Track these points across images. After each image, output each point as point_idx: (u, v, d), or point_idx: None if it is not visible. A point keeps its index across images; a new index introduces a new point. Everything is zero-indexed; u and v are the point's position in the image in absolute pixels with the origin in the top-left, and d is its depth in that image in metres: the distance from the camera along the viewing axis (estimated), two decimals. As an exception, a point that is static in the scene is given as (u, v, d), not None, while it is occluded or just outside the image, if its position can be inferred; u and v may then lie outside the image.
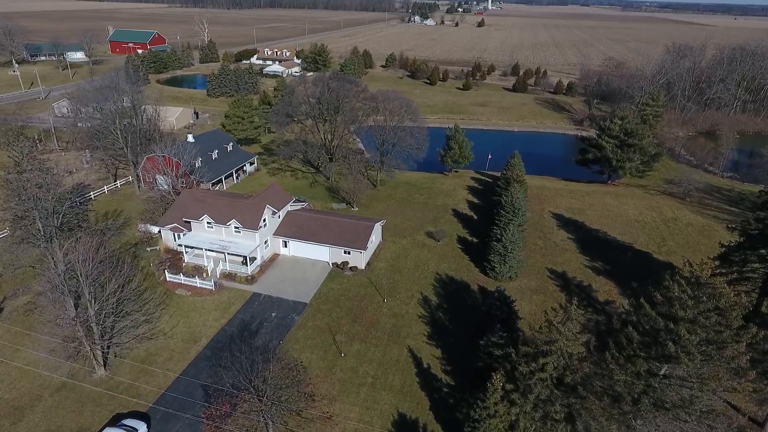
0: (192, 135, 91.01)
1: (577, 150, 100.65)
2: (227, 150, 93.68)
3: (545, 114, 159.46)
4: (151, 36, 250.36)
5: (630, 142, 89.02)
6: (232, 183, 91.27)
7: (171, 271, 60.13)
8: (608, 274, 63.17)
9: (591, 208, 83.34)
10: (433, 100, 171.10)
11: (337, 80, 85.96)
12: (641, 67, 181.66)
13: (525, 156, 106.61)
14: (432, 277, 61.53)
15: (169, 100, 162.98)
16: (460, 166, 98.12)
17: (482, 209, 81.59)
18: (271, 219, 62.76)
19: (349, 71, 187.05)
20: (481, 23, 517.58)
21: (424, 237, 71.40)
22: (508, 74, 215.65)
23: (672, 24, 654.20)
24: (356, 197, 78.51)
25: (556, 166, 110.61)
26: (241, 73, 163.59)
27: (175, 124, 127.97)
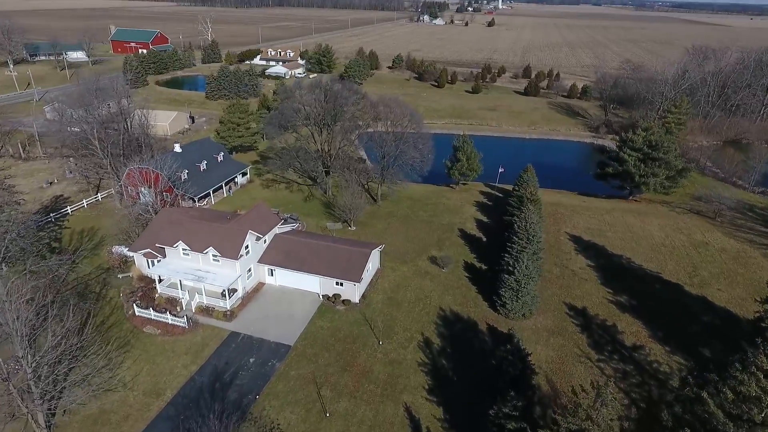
0: (179, 145, 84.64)
1: (596, 163, 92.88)
2: (217, 160, 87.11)
3: (558, 119, 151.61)
4: (153, 35, 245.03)
5: (654, 156, 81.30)
6: (221, 196, 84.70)
7: (141, 303, 53.54)
8: (635, 311, 55.72)
9: (612, 228, 75.78)
10: (441, 104, 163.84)
11: (335, 87, 78.96)
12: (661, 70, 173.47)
13: (538, 167, 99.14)
14: (435, 313, 54.46)
15: (167, 102, 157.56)
16: (468, 179, 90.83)
17: (492, 230, 74.34)
18: (255, 245, 56.00)
19: (354, 73, 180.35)
20: (492, 23, 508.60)
21: (427, 263, 64.32)
22: (519, 76, 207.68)
23: (687, 24, 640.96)
24: (353, 216, 71.56)
25: (571, 179, 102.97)
26: (241, 75, 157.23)
27: (169, 130, 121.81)
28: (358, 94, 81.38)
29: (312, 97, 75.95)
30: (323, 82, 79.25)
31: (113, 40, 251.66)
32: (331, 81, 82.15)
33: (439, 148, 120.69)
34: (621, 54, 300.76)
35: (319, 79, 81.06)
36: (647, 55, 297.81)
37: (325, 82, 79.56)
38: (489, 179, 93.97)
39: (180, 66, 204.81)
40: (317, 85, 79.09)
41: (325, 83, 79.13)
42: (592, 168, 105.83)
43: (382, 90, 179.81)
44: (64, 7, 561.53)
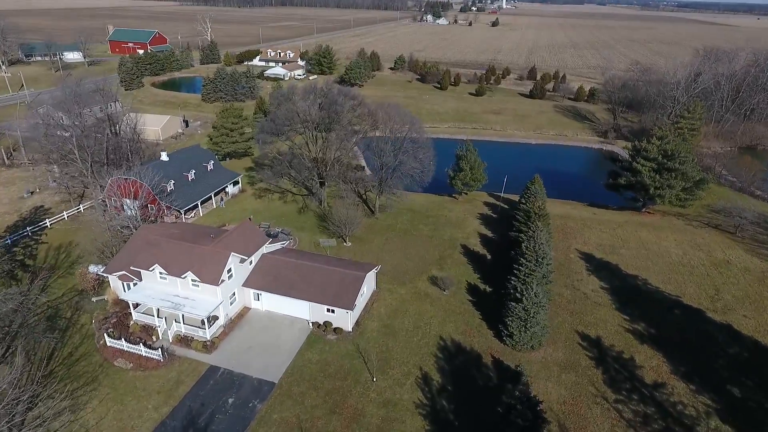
0: (165, 153, 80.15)
1: (606, 172, 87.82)
2: (207, 169, 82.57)
3: (565, 123, 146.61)
4: (151, 36, 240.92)
5: (670, 166, 76.28)
6: (210, 207, 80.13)
7: (114, 332, 49.01)
8: (654, 341, 50.86)
9: (625, 245, 70.84)
10: (444, 107, 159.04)
11: (331, 92, 74.28)
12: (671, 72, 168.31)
13: (545, 175, 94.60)
14: (435, 343, 49.74)
15: (161, 105, 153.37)
16: (471, 189, 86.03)
17: (497, 246, 69.54)
18: (239, 267, 51.39)
19: (355, 75, 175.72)
20: (496, 23, 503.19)
21: (427, 284, 59.61)
22: (524, 78, 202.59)
23: (693, 24, 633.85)
24: (349, 231, 66.87)
25: (580, 188, 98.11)
26: (238, 77, 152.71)
27: (161, 135, 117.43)
28: (355, 99, 76.61)
29: (306, 104, 71.15)
30: (318, 87, 74.40)
31: (111, 41, 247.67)
32: (327, 86, 77.39)
33: (442, 153, 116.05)
34: (627, 55, 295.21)
35: (314, 84, 76.26)
36: (655, 57, 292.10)
37: (320, 87, 74.77)
38: (494, 188, 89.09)
39: (178, 67, 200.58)
40: (311, 90, 74.35)
41: (320, 88, 74.36)
42: (602, 176, 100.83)
43: (384, 92, 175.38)
44: (67, 7, 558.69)
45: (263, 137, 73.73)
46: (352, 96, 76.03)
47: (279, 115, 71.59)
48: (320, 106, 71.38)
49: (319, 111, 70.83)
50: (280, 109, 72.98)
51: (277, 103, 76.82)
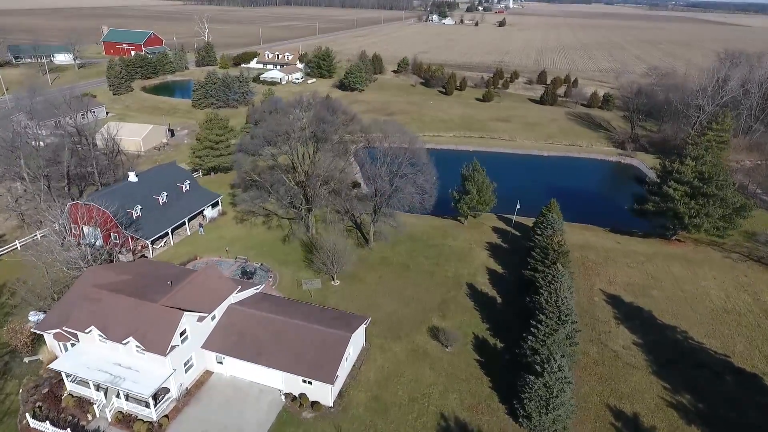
0: (134, 173, 71.09)
1: (632, 196, 77.98)
2: (182, 190, 73.52)
3: (578, 132, 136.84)
4: (146, 37, 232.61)
5: (707, 191, 66.60)
6: (184, 234, 71.11)
7: (43, 406, 40.07)
8: (705, 421, 41.35)
9: (658, 284, 61.25)
10: (449, 114, 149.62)
11: (317, 109, 65.08)
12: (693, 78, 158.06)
13: (559, 192, 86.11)
14: (434, 423, 40.47)
15: (149, 111, 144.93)
16: (479, 214, 76.54)
17: (509, 287, 60.14)
18: (197, 327, 42.30)
19: (355, 79, 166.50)
20: (503, 23, 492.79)
21: (427, 338, 50.35)
22: (533, 82, 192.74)
23: (704, 24, 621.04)
24: (337, 269, 57.65)
25: (599, 208, 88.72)
26: (230, 81, 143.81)
27: (143, 146, 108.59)
28: (347, 114, 67.27)
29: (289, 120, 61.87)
30: (305, 101, 65.14)
31: (105, 42, 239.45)
32: (314, 99, 68.06)
33: (446, 166, 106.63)
34: (640, 57, 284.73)
35: (300, 97, 67.02)
36: (668, 58, 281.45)
37: (307, 101, 65.49)
38: (503, 208, 79.26)
39: (171, 69, 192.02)
40: (297, 103, 65.09)
41: (306, 102, 65.08)
42: (623, 195, 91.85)
43: (385, 97, 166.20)
44: (67, 6, 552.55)
45: (241, 158, 64.53)
46: (343, 110, 66.69)
47: (258, 134, 62.31)
48: (306, 125, 62.11)
49: (302, 131, 61.55)
50: (260, 126, 63.71)
51: (257, 119, 67.54)
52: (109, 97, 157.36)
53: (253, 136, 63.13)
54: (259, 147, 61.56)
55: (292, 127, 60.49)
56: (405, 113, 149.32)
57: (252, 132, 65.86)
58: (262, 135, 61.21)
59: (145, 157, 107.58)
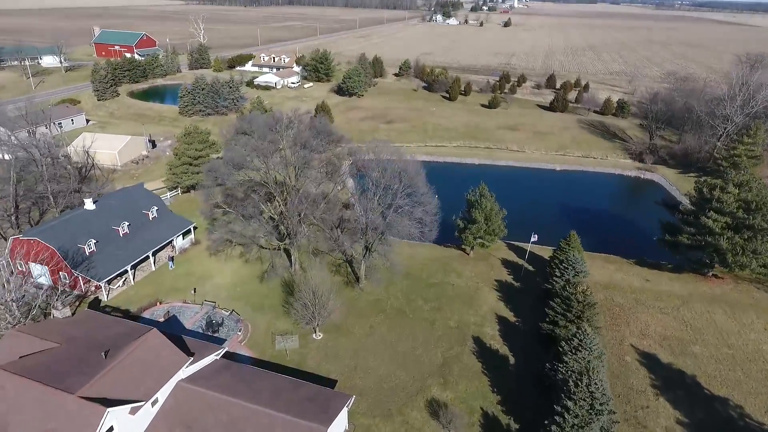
0: (92, 199, 62.09)
1: (661, 226, 68.29)
2: (148, 218, 64.53)
3: (592, 142, 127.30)
4: (138, 38, 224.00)
5: (754, 224, 57.10)
6: (149, 270, 62.07)
7: None
8: None
9: (699, 337, 51.84)
10: (452, 121, 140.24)
11: (298, 131, 55.81)
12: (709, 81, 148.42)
13: (575, 214, 77.24)
14: None
15: (133, 119, 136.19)
16: (486, 245, 67.12)
17: (523, 340, 50.84)
18: (129, 422, 33.19)
19: (353, 83, 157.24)
20: (508, 23, 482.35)
21: (425, 415, 41.15)
22: (542, 86, 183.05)
23: (713, 24, 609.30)
24: (319, 321, 48.49)
25: (621, 233, 79.27)
26: (219, 87, 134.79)
27: (119, 160, 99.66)
28: (332, 135, 57.89)
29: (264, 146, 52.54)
30: (284, 121, 55.85)
31: (96, 43, 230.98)
32: (296, 117, 58.68)
33: (450, 181, 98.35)
34: (651, 59, 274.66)
35: (278, 116, 57.70)
36: (680, 60, 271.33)
37: (287, 121, 56.18)
38: (514, 233, 69.62)
39: (161, 73, 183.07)
40: (275, 123, 55.84)
41: (286, 122, 55.79)
42: (645, 216, 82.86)
43: (385, 103, 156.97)
44: (66, 6, 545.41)
45: (209, 193, 55.35)
46: (328, 132, 57.30)
47: (228, 159, 53.11)
48: (284, 147, 52.93)
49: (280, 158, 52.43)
50: (231, 151, 54.52)
51: (228, 141, 58.34)
52: (94, 103, 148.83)
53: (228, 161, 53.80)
54: (229, 175, 52.32)
55: (266, 157, 51.24)
56: (406, 121, 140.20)
57: (224, 155, 56.63)
58: (232, 162, 51.99)
59: (121, 172, 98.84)
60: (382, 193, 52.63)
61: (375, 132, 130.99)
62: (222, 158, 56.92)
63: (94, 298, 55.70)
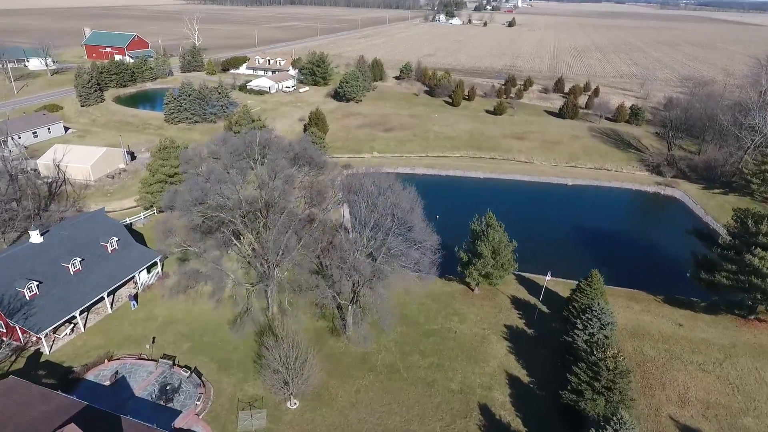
0: (38, 231, 53.80)
1: (695, 261, 59.63)
2: (107, 250, 56.39)
3: (605, 152, 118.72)
4: (129, 39, 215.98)
5: (808, 263, 48.55)
6: (104, 313, 53.87)
7: None
8: None
9: (750, 405, 43.34)
10: (455, 129, 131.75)
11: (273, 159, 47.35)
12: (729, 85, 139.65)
13: (592, 237, 69.34)
14: None
15: (115, 127, 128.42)
16: (495, 282, 58.64)
17: (539, 408, 42.44)
18: None
19: (351, 88, 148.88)
20: (512, 23, 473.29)
21: None
22: (549, 90, 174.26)
23: (721, 24, 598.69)
24: (293, 389, 40.15)
25: (644, 261, 70.75)
26: (207, 93, 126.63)
27: (92, 174, 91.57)
28: (315, 160, 49.34)
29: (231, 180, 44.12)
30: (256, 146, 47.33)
31: (87, 45, 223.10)
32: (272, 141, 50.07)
33: (453, 197, 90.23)
34: (662, 60, 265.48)
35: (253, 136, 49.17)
36: (692, 62, 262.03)
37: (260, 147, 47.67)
38: (525, 262, 61.28)
39: (151, 76, 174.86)
40: (247, 147, 47.40)
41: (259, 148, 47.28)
42: (669, 240, 74.59)
43: (384, 109, 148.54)
44: (68, 6, 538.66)
45: (167, 230, 46.99)
46: (309, 158, 48.64)
47: (191, 191, 44.74)
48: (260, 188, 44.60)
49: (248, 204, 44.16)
50: (193, 179, 46.25)
51: (187, 167, 49.97)
52: (77, 109, 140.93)
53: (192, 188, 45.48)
54: (188, 210, 44.07)
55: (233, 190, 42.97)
56: (406, 128, 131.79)
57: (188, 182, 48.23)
58: (193, 193, 43.69)
59: (94, 188, 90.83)
60: (371, 232, 44.18)
61: (373, 141, 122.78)
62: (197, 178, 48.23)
63: (35, 351, 47.57)
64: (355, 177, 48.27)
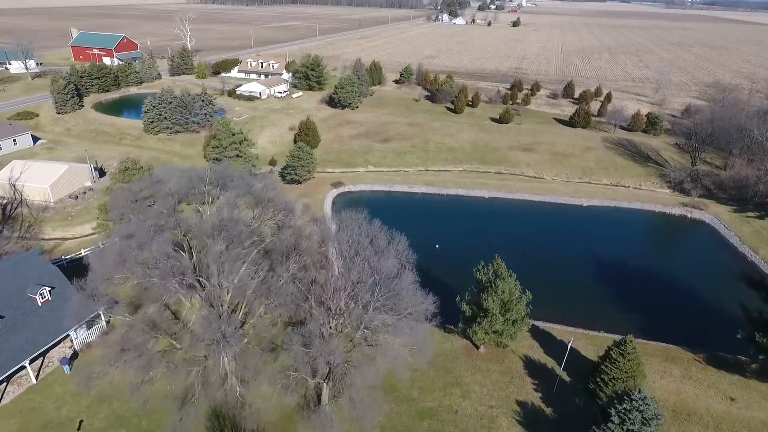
0: (-52, 283, 44.09)
1: (747, 319, 49.45)
2: (36, 302, 46.70)
3: (621, 166, 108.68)
4: (117, 41, 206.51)
5: None
6: (27, 385, 44.18)
7: None
8: None
9: None
10: (458, 139, 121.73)
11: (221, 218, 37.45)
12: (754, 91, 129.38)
13: (614, 275, 60.45)
14: None
15: (91, 136, 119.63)
16: (505, 342, 48.61)
17: None
18: None
19: (346, 94, 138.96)
20: (517, 22, 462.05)
21: None
22: (558, 96, 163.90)
23: (730, 24, 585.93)
24: None
25: (673, 301, 60.74)
26: (189, 101, 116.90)
27: (51, 195, 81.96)
28: (281, 206, 39.19)
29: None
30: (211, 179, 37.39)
31: (74, 46, 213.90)
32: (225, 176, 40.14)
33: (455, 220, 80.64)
34: (674, 63, 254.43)
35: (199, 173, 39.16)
36: (705, 64, 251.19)
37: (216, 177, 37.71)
38: (537, 308, 51.37)
39: (137, 80, 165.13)
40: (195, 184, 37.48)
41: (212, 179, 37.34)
42: (706, 278, 64.69)
43: (382, 117, 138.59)
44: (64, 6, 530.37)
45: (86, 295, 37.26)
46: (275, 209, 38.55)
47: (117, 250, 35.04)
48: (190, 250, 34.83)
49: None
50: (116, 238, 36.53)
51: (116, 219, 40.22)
52: (53, 117, 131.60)
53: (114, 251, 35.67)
54: (112, 272, 34.37)
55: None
56: (405, 139, 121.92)
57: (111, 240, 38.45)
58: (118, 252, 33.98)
59: (54, 210, 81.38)
60: (349, 306, 34.30)
61: (368, 153, 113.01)
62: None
63: (-71, 441, 37.94)
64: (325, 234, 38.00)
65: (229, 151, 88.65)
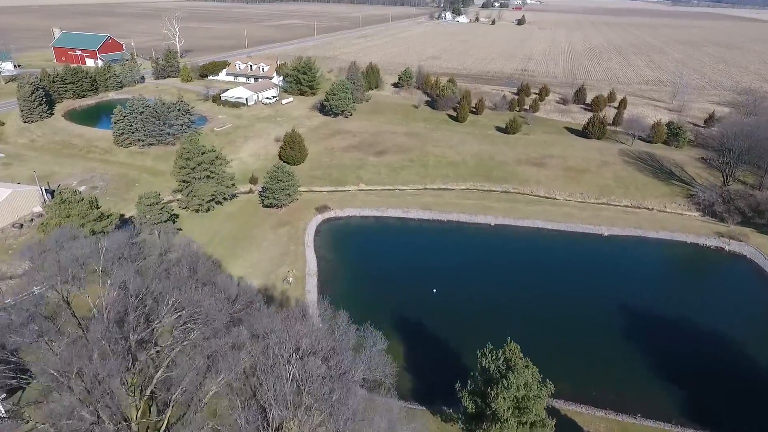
0: None
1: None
2: None
3: (642, 184, 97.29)
4: (101, 41, 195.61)
5: None
6: None
7: None
8: None
9: None
10: (460, 152, 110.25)
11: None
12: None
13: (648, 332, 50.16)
14: None
15: (56, 150, 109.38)
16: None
17: None
18: None
19: (339, 100, 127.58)
20: (522, 21, 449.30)
21: None
22: (569, 101, 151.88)
23: (741, 22, 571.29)
24: None
25: (725, 376, 49.36)
26: (162, 111, 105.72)
27: (-9, 224, 71.07)
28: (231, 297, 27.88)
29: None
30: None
31: (56, 47, 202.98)
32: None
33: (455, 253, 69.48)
34: (687, 63, 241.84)
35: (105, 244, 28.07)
36: (720, 65, 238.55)
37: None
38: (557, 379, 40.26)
39: (116, 85, 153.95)
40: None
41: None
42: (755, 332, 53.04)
43: (378, 126, 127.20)
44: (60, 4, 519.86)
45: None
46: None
47: None
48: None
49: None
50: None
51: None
52: (19, 126, 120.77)
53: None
54: None
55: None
56: (402, 151, 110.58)
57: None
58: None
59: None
60: None
61: (360, 168, 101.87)
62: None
63: None
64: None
65: (197, 172, 77.53)
